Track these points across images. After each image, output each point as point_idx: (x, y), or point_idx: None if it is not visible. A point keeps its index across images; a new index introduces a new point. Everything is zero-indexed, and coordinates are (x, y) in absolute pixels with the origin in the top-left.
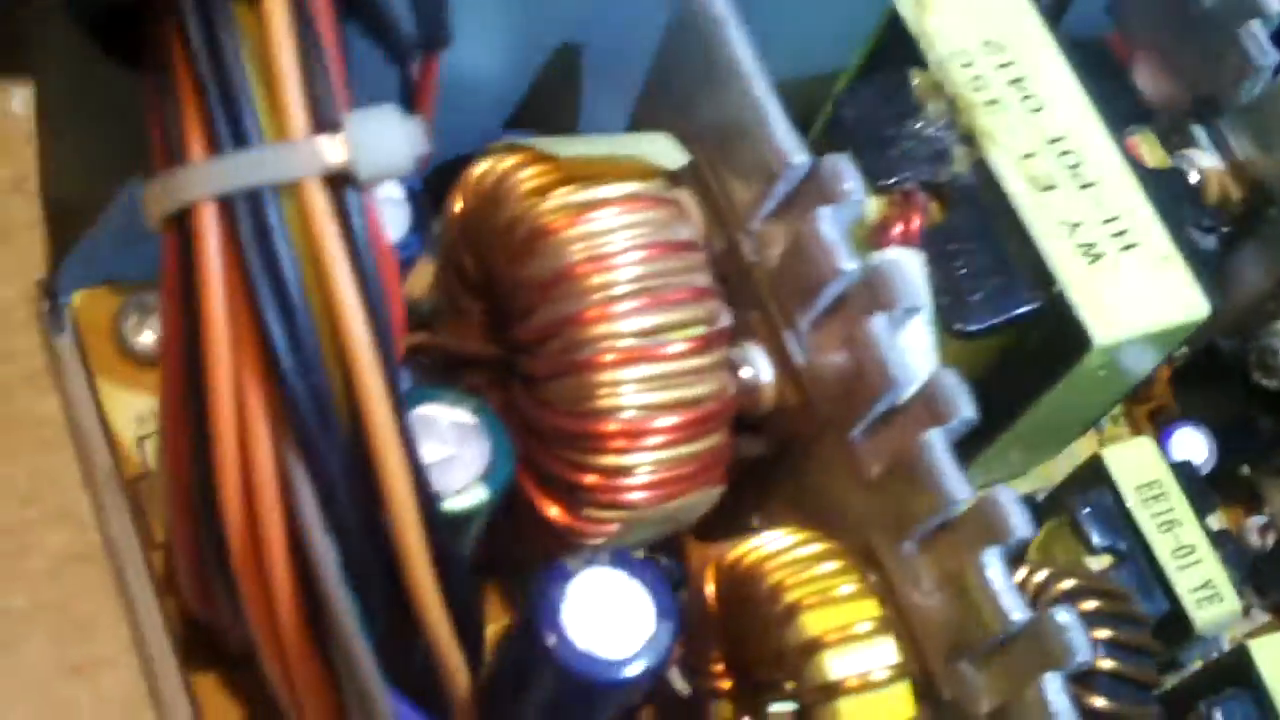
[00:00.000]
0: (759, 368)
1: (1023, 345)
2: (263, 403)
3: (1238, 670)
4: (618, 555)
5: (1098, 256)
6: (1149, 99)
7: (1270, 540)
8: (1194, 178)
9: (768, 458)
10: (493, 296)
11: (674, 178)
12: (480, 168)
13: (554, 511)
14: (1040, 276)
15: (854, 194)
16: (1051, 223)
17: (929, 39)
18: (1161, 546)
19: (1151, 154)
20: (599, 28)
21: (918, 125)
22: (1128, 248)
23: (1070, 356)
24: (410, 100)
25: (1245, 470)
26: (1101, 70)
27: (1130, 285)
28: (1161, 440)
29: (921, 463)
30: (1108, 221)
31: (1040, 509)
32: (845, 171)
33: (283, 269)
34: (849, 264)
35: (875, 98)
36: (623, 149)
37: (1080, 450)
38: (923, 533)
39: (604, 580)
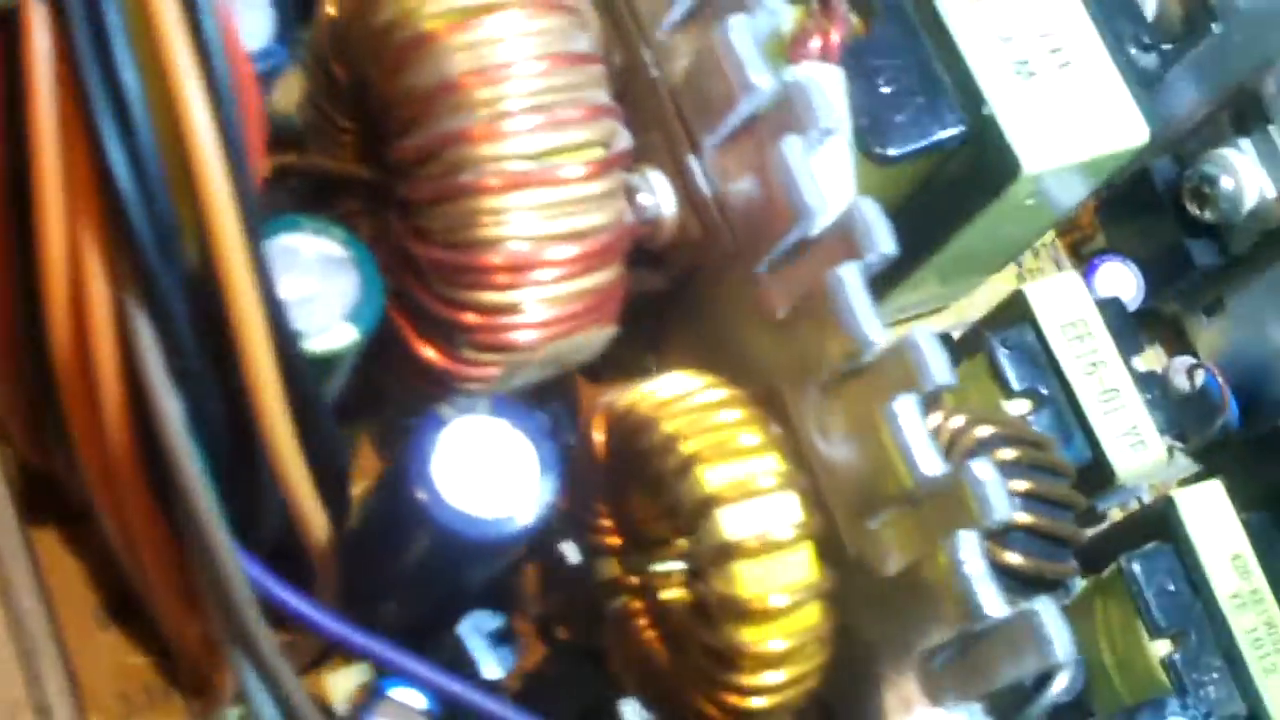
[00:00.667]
0: (660, 195)
1: (947, 170)
2: (98, 234)
3: (1160, 522)
4: (499, 402)
5: (1031, 74)
6: None
7: (1198, 382)
8: None
9: (667, 294)
10: (368, 112)
11: None
12: None
13: (429, 353)
14: (969, 96)
15: (767, 2)
16: (983, 36)
17: None
18: (1085, 389)
19: None
20: None
21: None
22: (1064, 65)
23: (997, 184)
24: None
25: (1173, 308)
26: None
27: (1066, 107)
28: (1087, 275)
29: (833, 301)
30: (1044, 36)
31: (956, 348)
32: None
33: (122, 79)
34: (760, 80)
35: None
36: None
37: (1000, 285)
38: (832, 378)
39: (482, 429)
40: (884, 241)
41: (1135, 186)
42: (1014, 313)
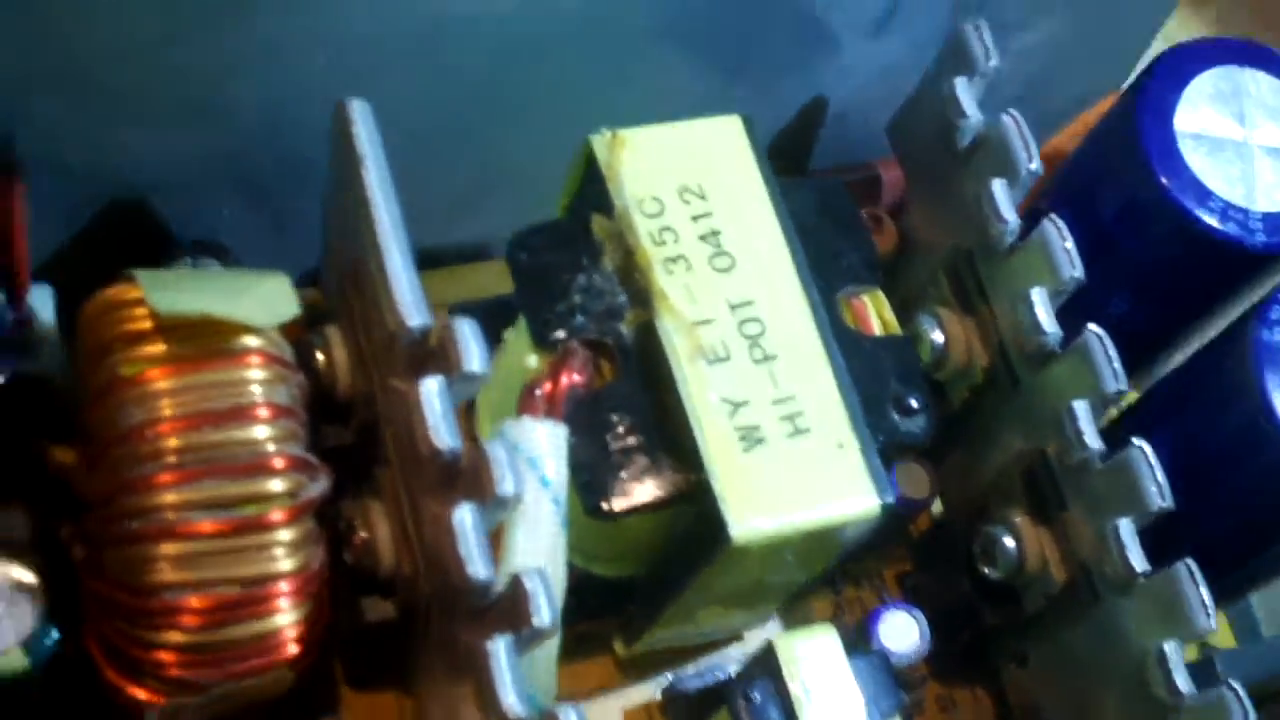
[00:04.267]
0: (376, 530)
1: (681, 524)
2: None
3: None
4: None
5: (759, 441)
6: (919, 241)
7: None
8: (937, 339)
9: (400, 625)
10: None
11: (328, 314)
12: (98, 296)
13: (112, 676)
14: (690, 460)
15: (470, 365)
16: (714, 400)
17: (618, 181)
18: None
19: (881, 316)
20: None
21: (594, 277)
22: (797, 433)
23: (711, 548)
24: None
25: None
26: (837, 221)
27: (789, 476)
28: (871, 621)
29: (482, 670)
30: (780, 402)
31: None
32: (465, 340)
33: None
34: (445, 443)
35: (554, 243)
36: (237, 290)
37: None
38: None
39: None
40: (545, 613)
41: (937, 537)
42: (764, 663)
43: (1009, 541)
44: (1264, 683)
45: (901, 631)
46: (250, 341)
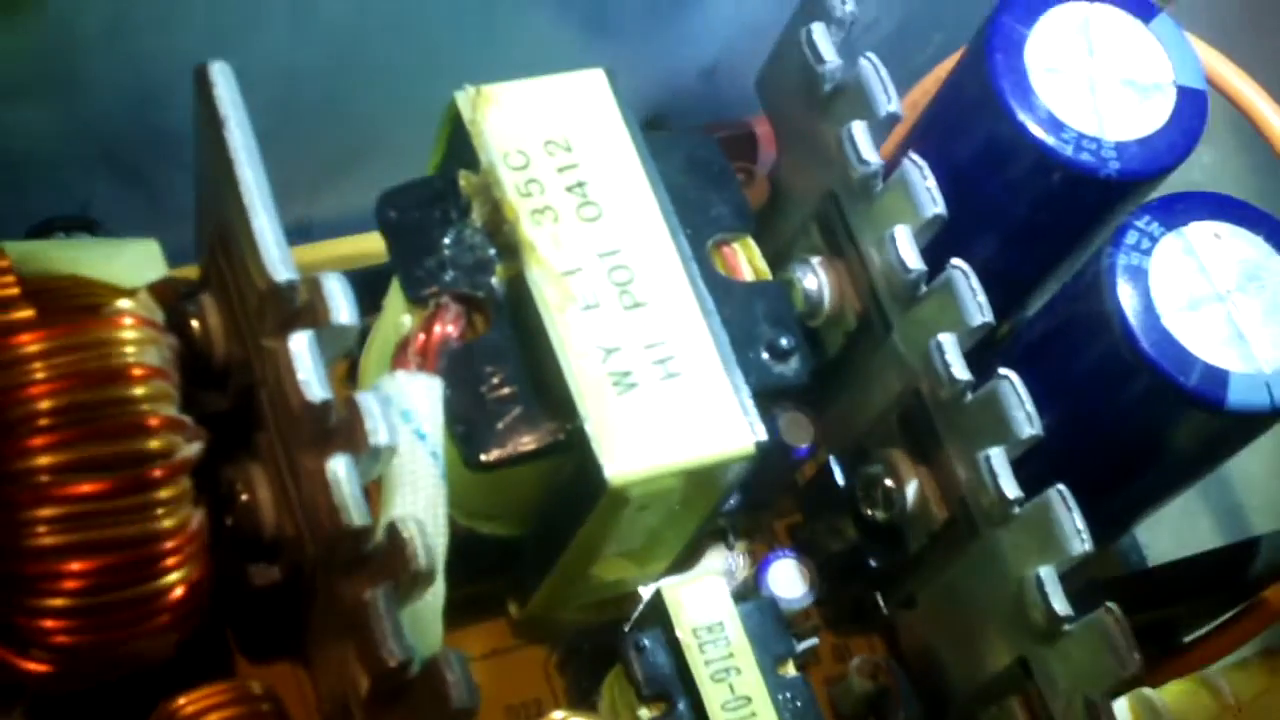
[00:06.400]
0: (257, 492)
1: (563, 475)
2: None
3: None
4: None
5: (631, 386)
6: (789, 193)
7: (881, 679)
8: (810, 286)
9: (285, 587)
10: None
11: (203, 283)
12: None
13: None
14: (565, 408)
15: (339, 318)
16: (585, 347)
17: (483, 136)
18: (713, 697)
19: (752, 263)
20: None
21: (463, 232)
22: (669, 376)
23: (591, 495)
24: None
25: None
26: (706, 173)
27: (663, 419)
28: (760, 569)
29: (364, 620)
30: (651, 346)
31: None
32: (333, 293)
33: None
34: (317, 395)
35: (422, 200)
36: (105, 254)
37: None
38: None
39: None
40: (422, 558)
41: (822, 486)
42: (654, 614)
43: (889, 482)
44: (1147, 612)
45: (789, 579)
46: (121, 304)
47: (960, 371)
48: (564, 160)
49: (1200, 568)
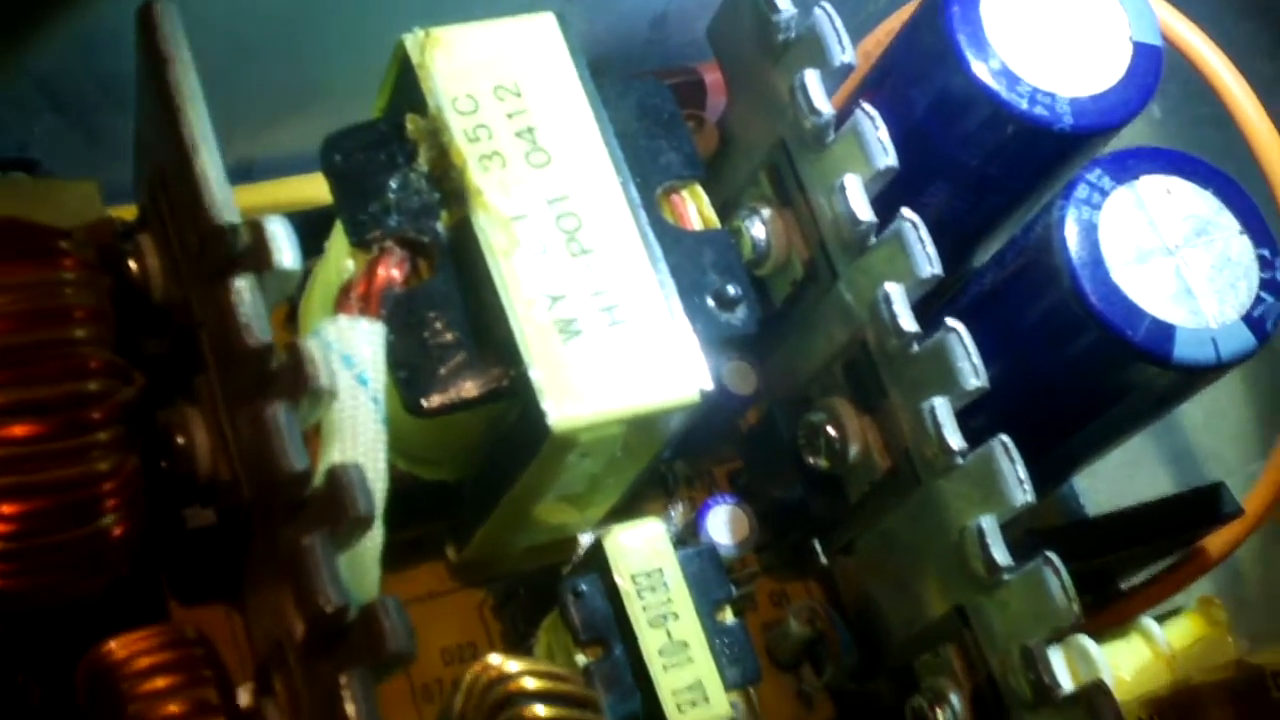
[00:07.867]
0: (194, 435)
1: (506, 420)
2: None
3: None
4: None
5: (576, 333)
6: (739, 142)
7: (818, 625)
8: (758, 235)
9: (220, 530)
10: None
11: (140, 223)
12: None
13: None
14: (509, 354)
15: (281, 261)
16: (531, 294)
17: (431, 80)
18: (650, 642)
19: (701, 211)
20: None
21: (409, 176)
22: (615, 324)
23: (534, 441)
24: None
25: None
26: (656, 120)
27: (608, 367)
28: (699, 515)
29: (298, 566)
30: (598, 294)
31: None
32: (275, 236)
33: None
34: (257, 339)
35: (368, 143)
36: (41, 195)
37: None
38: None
39: None
40: (361, 503)
41: (764, 433)
42: (593, 559)
43: (831, 430)
44: (1086, 560)
45: (728, 524)
46: (58, 244)
47: (908, 323)
48: (513, 105)
49: (1139, 518)
